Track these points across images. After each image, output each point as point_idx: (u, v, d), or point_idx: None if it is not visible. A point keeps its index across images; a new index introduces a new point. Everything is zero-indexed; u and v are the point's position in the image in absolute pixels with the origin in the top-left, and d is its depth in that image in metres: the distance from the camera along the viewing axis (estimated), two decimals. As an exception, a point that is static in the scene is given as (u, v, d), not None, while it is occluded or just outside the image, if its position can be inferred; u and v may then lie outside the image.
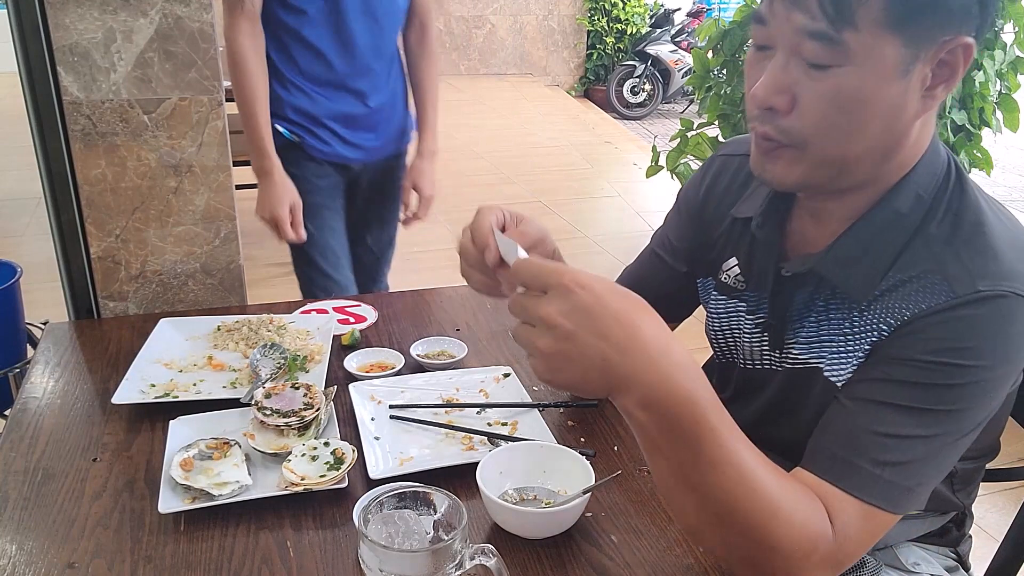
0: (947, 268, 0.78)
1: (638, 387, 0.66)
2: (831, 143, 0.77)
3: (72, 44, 1.31)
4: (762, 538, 0.71)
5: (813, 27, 0.72)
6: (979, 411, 0.77)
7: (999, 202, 0.85)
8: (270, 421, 1.01)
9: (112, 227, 1.42)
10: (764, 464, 0.72)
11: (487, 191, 5.13)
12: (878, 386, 0.78)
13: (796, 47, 0.74)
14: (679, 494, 0.71)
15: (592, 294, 0.67)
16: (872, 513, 0.75)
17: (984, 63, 2.92)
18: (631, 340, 0.66)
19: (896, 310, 0.80)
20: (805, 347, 0.90)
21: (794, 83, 0.76)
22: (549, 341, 0.67)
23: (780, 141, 0.79)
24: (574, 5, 8.82)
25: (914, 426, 0.75)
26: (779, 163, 0.80)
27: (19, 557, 0.84)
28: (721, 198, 1.03)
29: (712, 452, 0.68)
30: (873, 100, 0.75)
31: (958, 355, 0.75)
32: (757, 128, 0.80)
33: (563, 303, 0.66)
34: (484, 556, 0.74)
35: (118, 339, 1.33)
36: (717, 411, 0.69)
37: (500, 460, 0.93)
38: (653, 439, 0.69)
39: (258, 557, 0.85)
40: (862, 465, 0.75)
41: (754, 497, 0.70)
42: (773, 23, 0.76)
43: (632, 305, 0.68)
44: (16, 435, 1.05)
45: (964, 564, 1.06)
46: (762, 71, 0.77)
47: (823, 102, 0.75)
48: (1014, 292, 0.75)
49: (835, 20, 0.71)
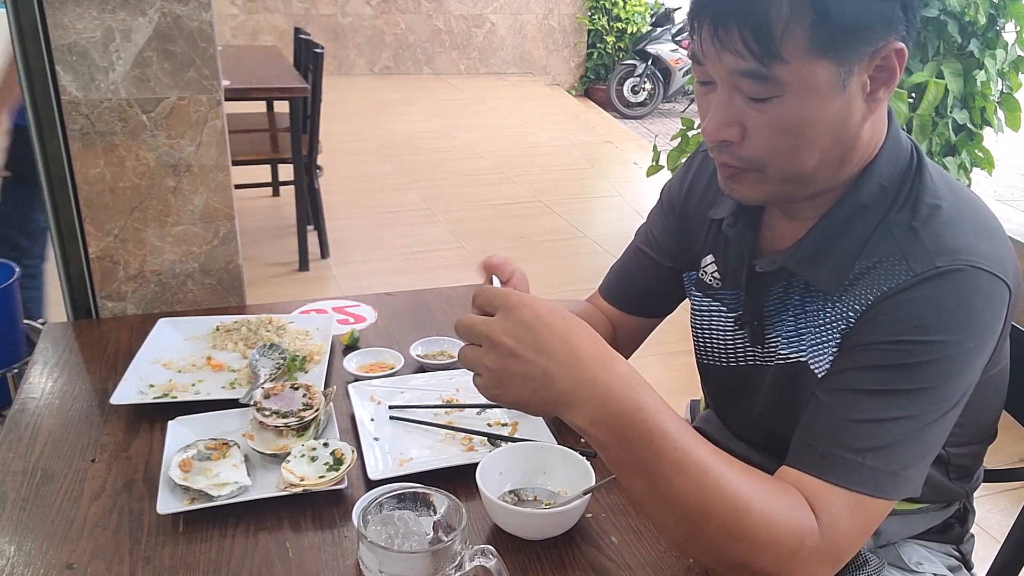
0: (906, 249, 0.79)
1: (583, 401, 0.68)
2: (786, 163, 0.80)
3: (71, 43, 1.31)
4: (740, 535, 0.71)
5: (744, 67, 0.74)
6: (953, 387, 0.77)
7: (963, 186, 0.86)
8: (269, 422, 1.00)
9: (111, 227, 1.42)
10: (728, 462, 0.72)
11: (487, 191, 5.13)
12: (848, 375, 0.78)
13: (734, 84, 0.77)
14: (654, 507, 0.72)
15: (533, 312, 0.70)
16: (860, 502, 0.74)
17: (985, 62, 2.92)
18: (572, 356, 0.69)
19: (861, 296, 0.81)
20: (786, 342, 0.90)
21: (740, 115, 0.78)
22: (493, 358, 0.70)
23: (738, 167, 0.82)
24: (574, 4, 8.82)
25: (889, 409, 0.75)
26: (744, 184, 0.84)
27: (17, 558, 0.84)
28: (702, 194, 1.05)
29: (671, 455, 0.69)
30: (817, 120, 0.77)
31: (922, 332, 0.75)
32: (716, 158, 0.83)
33: (506, 321, 0.70)
34: (484, 557, 0.74)
35: (117, 339, 1.32)
36: (668, 416, 0.70)
37: (500, 461, 0.93)
38: (613, 453, 0.70)
39: (257, 558, 0.85)
40: (842, 454, 0.75)
41: (722, 495, 0.70)
42: (708, 63, 0.78)
43: (573, 323, 0.71)
44: (14, 435, 1.05)
45: (967, 563, 1.06)
46: (710, 104, 0.80)
47: (769, 130, 0.78)
48: (972, 265, 0.76)
49: (762, 57, 0.73)
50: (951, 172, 3.00)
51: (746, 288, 0.94)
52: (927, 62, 2.91)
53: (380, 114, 6.98)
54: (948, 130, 2.98)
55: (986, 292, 0.77)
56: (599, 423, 0.69)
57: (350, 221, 4.40)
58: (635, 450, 0.69)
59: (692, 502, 0.70)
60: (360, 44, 8.29)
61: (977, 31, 2.91)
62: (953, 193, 0.83)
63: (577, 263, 4.07)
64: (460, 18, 8.56)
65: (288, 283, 3.60)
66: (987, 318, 0.77)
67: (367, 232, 4.29)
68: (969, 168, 3.11)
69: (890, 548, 1.01)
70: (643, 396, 0.69)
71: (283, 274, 3.70)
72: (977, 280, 0.76)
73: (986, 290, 0.77)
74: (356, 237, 4.18)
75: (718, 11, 0.74)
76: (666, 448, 0.69)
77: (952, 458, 0.95)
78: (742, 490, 0.71)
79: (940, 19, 2.86)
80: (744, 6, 0.73)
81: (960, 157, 3.06)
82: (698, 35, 0.77)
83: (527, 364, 0.69)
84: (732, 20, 0.73)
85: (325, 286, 3.60)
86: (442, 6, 8.45)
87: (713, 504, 0.70)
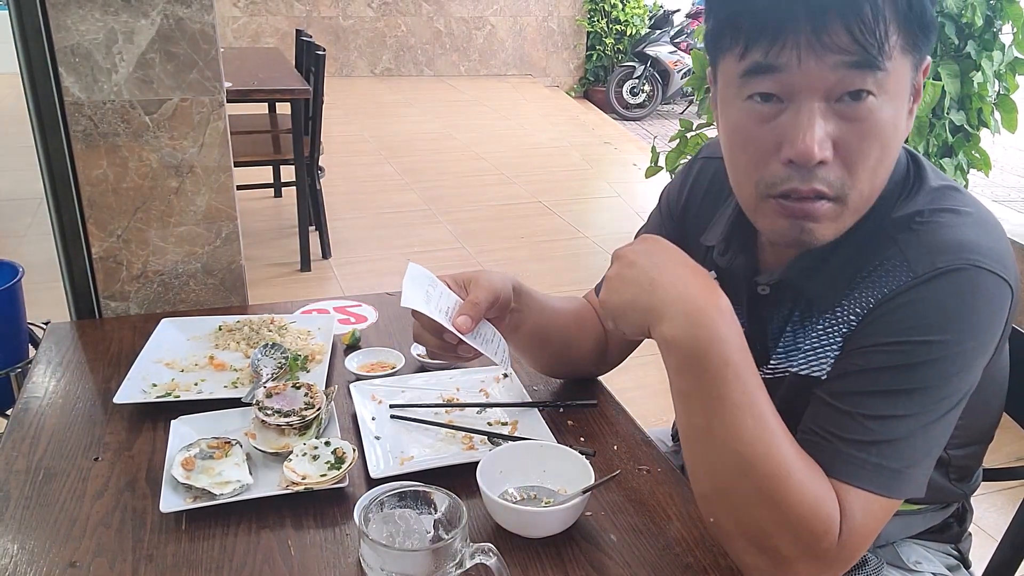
0: (907, 250, 0.78)
1: (676, 316, 0.74)
2: (868, 183, 0.75)
3: (74, 45, 1.32)
4: (772, 500, 0.72)
5: (851, 60, 0.69)
6: (955, 386, 0.76)
7: (962, 187, 0.85)
8: (271, 421, 1.01)
9: (113, 227, 1.43)
10: (784, 429, 0.74)
11: (487, 191, 5.13)
12: (851, 378, 0.78)
13: (830, 90, 0.71)
14: (700, 446, 0.74)
15: (659, 241, 0.83)
16: (868, 500, 0.75)
17: (983, 64, 2.93)
18: (680, 275, 0.77)
19: (863, 300, 0.80)
20: (790, 359, 0.89)
21: (835, 128, 0.72)
22: (615, 268, 0.82)
23: (829, 196, 0.74)
24: (574, 6, 8.82)
25: (892, 408, 0.75)
26: (822, 222, 0.76)
27: (21, 556, 0.85)
28: (700, 204, 1.04)
29: (737, 397, 0.72)
30: (900, 127, 0.75)
31: (923, 332, 0.75)
32: (799, 189, 0.74)
33: (637, 244, 0.83)
34: (484, 555, 0.74)
35: (119, 339, 1.33)
36: (746, 361, 0.74)
37: (500, 460, 0.93)
38: (682, 380, 0.75)
39: (259, 556, 0.85)
40: (847, 450, 0.75)
41: (770, 453, 0.72)
42: (796, 72, 0.71)
43: (691, 259, 0.80)
44: (18, 435, 1.06)
45: (965, 562, 1.06)
46: (778, 126, 0.73)
47: (861, 139, 0.72)
48: (973, 264, 0.75)
49: (869, 48, 0.69)
50: (948, 173, 3.00)
51: (748, 314, 0.92)
52: (925, 64, 2.91)
53: (381, 115, 6.99)
54: (945, 131, 2.99)
55: (987, 291, 0.76)
56: (683, 341, 0.74)
57: (351, 222, 4.41)
58: (704, 380, 0.73)
59: (739, 450, 0.71)
60: (361, 46, 8.29)
61: (974, 33, 2.92)
62: (952, 194, 0.82)
63: (576, 263, 4.08)
64: (460, 20, 8.57)
65: (290, 283, 3.60)
66: (988, 317, 0.76)
67: (368, 232, 4.29)
68: (966, 169, 3.11)
69: (889, 548, 1.02)
70: (731, 333, 0.74)
71: (285, 274, 3.71)
72: (979, 279, 0.75)
73: (988, 289, 0.75)
74: (357, 237, 4.19)
75: (813, 10, 0.69)
76: (735, 388, 0.72)
77: (952, 460, 0.95)
78: (790, 457, 0.72)
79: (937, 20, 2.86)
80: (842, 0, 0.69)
81: (957, 158, 3.07)
82: (781, 43, 0.70)
83: (639, 272, 0.78)
84: (835, 16, 0.68)
85: (326, 286, 3.60)
86: (442, 8, 8.45)
87: (759, 459, 0.71)
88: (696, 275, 0.77)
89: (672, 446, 1.27)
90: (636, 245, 0.82)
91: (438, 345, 0.93)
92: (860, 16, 0.68)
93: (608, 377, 1.22)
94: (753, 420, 0.72)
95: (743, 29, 0.73)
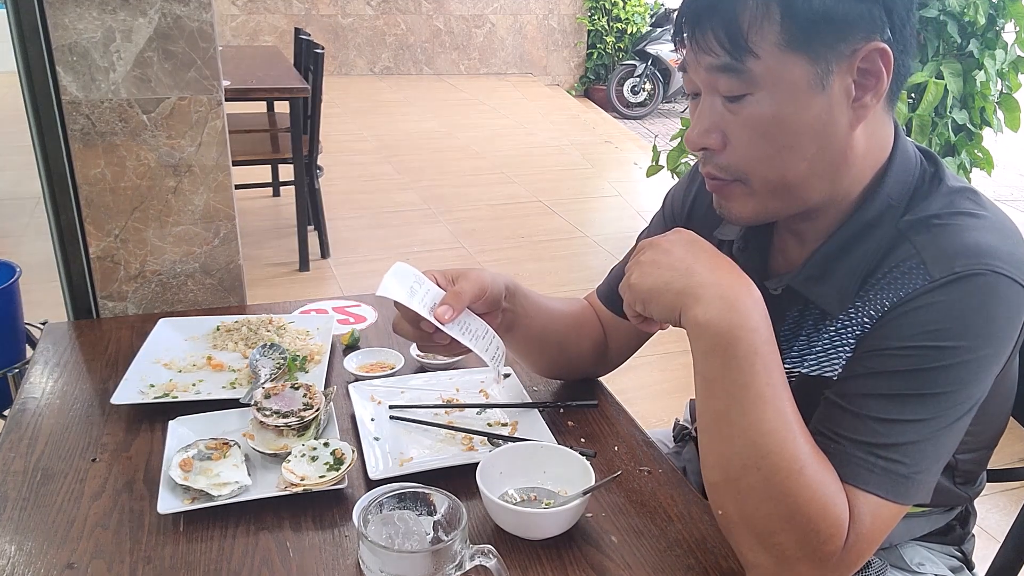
0: (924, 253, 0.77)
1: (711, 299, 0.75)
2: (768, 170, 0.80)
3: (71, 44, 1.31)
4: (782, 494, 0.72)
5: (717, 63, 0.76)
6: (967, 393, 0.76)
7: (979, 191, 0.84)
8: (270, 421, 1.00)
9: (111, 227, 1.42)
10: (803, 426, 0.75)
11: (487, 191, 5.13)
12: (863, 380, 0.77)
13: (712, 86, 0.79)
14: (717, 433, 0.75)
15: (696, 236, 0.83)
16: (877, 505, 0.74)
17: (985, 63, 2.92)
18: (717, 265, 0.79)
19: (877, 303, 0.80)
20: (802, 361, 0.89)
21: (720, 121, 0.79)
22: (649, 254, 0.82)
23: (723, 178, 0.82)
24: (574, 4, 8.82)
25: (904, 412, 0.75)
26: (732, 201, 0.84)
27: (18, 557, 0.84)
28: (707, 208, 1.02)
29: (760, 388, 0.73)
30: (795, 121, 0.77)
31: (939, 337, 0.74)
32: (703, 171, 0.84)
33: (671, 234, 0.84)
34: (484, 557, 0.74)
35: (117, 339, 1.32)
36: (774, 354, 0.75)
37: (500, 460, 0.93)
38: (708, 365, 0.75)
39: (258, 558, 0.85)
40: (855, 452, 0.75)
41: (785, 447, 0.73)
42: (690, 69, 0.81)
43: (729, 259, 0.81)
44: (15, 435, 1.05)
45: (968, 563, 1.06)
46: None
47: (746, 131, 0.78)
48: (992, 270, 0.74)
49: (733, 51, 0.75)
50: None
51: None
52: (927, 62, 2.91)
53: (380, 114, 6.99)
54: (948, 130, 2.99)
55: (1005, 298, 0.74)
56: (716, 325, 0.75)
57: (350, 221, 4.40)
58: (731, 366, 0.74)
59: (755, 440, 0.72)
60: (360, 44, 8.29)
61: (977, 31, 2.91)
62: (971, 197, 0.81)
63: (577, 263, 4.07)
64: (460, 19, 8.56)
65: (288, 283, 3.60)
66: (1005, 324, 0.75)
67: (367, 232, 4.29)
68: (969, 168, 3.11)
69: (892, 549, 1.01)
70: (763, 324, 0.75)
71: (283, 274, 3.70)
72: (997, 285, 0.74)
73: (1005, 296, 0.74)
74: (356, 237, 4.19)
75: (692, 14, 0.78)
76: (760, 378, 0.73)
77: (959, 464, 0.94)
78: (804, 454, 0.73)
79: (940, 19, 2.86)
80: (716, 5, 0.76)
81: (960, 157, 3.06)
82: (682, 47, 0.80)
83: (676, 259, 0.80)
84: (705, 20, 0.76)
85: (325, 286, 3.60)
86: (442, 7, 8.45)
87: (773, 451, 0.72)
88: (732, 266, 0.80)
89: (673, 447, 1.26)
90: (670, 235, 0.84)
91: (415, 335, 0.93)
92: (725, 20, 0.75)
93: (609, 378, 1.22)
94: (773, 413, 0.73)
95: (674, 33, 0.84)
